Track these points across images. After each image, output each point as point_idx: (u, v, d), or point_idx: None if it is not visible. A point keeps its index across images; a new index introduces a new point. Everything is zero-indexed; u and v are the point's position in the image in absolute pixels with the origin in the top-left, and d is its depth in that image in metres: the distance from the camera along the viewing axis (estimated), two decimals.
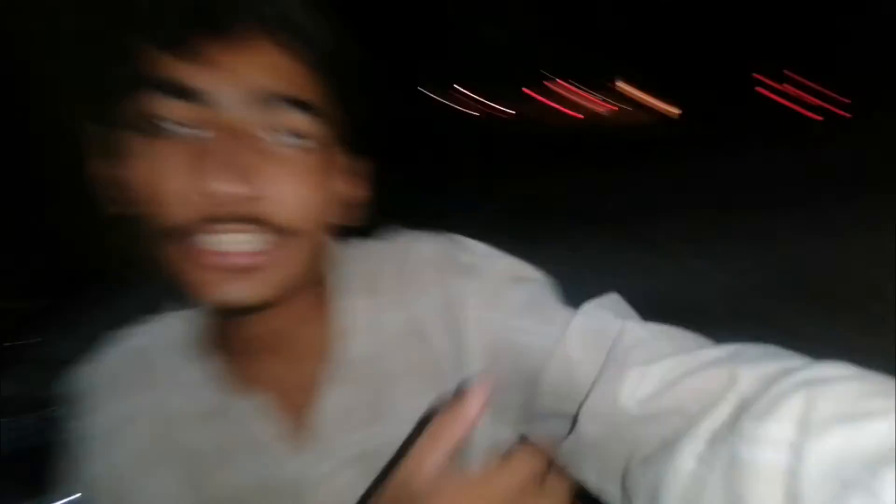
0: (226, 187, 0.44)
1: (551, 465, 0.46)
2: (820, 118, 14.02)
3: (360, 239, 0.60)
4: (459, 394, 0.44)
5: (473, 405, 0.43)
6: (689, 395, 0.40)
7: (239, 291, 0.47)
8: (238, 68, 0.45)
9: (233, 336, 0.56)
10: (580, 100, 18.11)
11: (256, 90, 0.46)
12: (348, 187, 0.56)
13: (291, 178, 0.48)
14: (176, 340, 0.59)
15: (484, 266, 0.55)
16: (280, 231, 0.48)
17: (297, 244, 0.49)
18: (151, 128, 0.45)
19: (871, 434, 0.32)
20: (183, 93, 0.45)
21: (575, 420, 0.45)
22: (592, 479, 0.45)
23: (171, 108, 0.45)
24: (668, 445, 0.39)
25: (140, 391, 0.58)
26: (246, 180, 0.45)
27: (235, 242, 0.47)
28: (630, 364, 0.43)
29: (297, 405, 0.57)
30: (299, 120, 0.48)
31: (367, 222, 0.59)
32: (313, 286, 0.56)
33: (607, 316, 0.49)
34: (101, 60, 0.47)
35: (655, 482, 0.38)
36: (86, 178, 0.48)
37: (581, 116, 17.60)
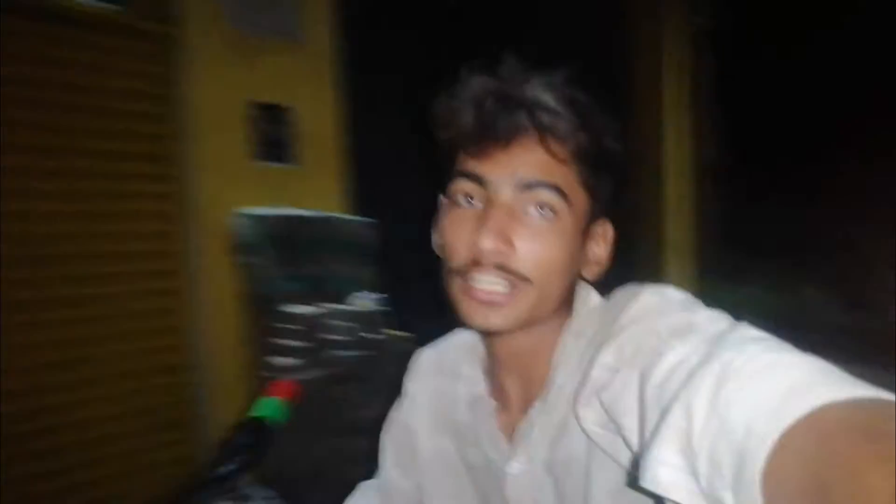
0: (486, 244, 0.63)
1: None
2: None
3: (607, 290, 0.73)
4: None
5: None
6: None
7: (487, 320, 0.66)
8: (510, 163, 0.64)
9: (490, 351, 0.76)
10: None
11: (520, 178, 0.64)
12: (599, 248, 0.71)
13: (535, 240, 0.65)
14: (465, 347, 0.81)
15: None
16: (520, 278, 0.65)
17: (531, 289, 0.66)
18: (457, 200, 0.67)
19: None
20: (474, 178, 0.66)
21: None
22: None
23: (467, 189, 0.66)
24: None
25: (435, 376, 0.84)
26: (500, 240, 0.64)
27: (489, 282, 0.65)
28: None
29: (516, 413, 0.74)
30: (548, 197, 0.64)
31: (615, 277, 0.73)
32: (546, 325, 0.70)
33: None
34: (442, 160, 0.70)
35: None
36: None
37: None
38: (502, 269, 0.64)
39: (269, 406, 0.80)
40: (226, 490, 0.71)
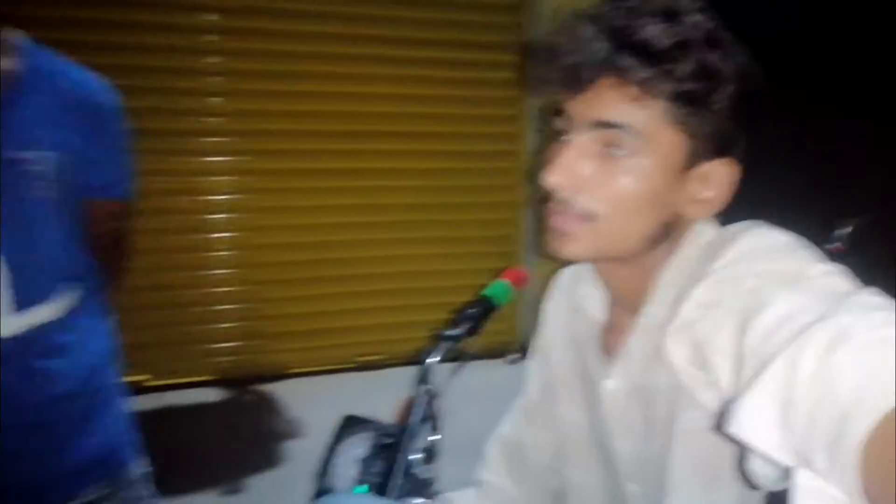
0: (550, 180, 0.66)
1: None
2: None
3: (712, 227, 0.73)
4: None
5: None
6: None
7: (559, 249, 0.69)
8: (587, 102, 0.65)
9: (599, 276, 0.79)
10: None
11: (593, 118, 0.65)
12: (706, 189, 0.68)
13: (603, 178, 0.66)
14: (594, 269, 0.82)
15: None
16: (584, 215, 0.67)
17: (599, 225, 0.67)
18: (554, 134, 0.70)
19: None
20: (564, 116, 0.68)
21: None
22: None
23: (560, 125, 0.69)
24: None
25: (569, 294, 0.88)
26: (567, 177, 0.66)
27: (561, 215, 0.68)
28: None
29: (622, 336, 0.77)
30: (619, 137, 0.64)
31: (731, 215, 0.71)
32: (648, 258, 0.72)
33: None
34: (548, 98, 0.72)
35: None
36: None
37: None
38: (569, 204, 0.67)
39: (498, 288, 0.91)
40: (451, 348, 0.86)
